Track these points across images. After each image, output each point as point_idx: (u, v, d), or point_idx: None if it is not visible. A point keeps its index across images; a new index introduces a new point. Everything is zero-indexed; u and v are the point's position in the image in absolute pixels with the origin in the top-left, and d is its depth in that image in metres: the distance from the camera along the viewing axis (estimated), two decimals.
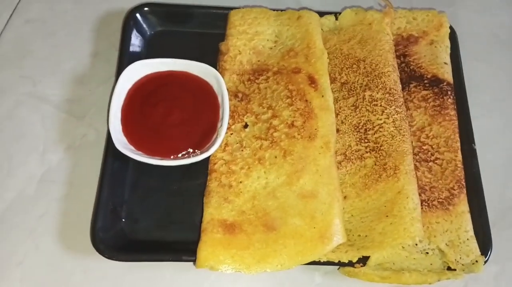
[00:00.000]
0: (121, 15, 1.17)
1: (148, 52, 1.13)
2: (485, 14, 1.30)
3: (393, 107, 1.02)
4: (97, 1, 1.22)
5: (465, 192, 1.00)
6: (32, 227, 0.99)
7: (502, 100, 1.19)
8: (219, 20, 1.13)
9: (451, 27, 1.15)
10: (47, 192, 1.02)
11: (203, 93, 1.04)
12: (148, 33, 1.15)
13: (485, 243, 0.97)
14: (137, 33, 1.13)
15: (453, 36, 1.15)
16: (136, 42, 1.12)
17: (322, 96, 1.02)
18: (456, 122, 1.05)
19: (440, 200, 0.98)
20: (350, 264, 0.93)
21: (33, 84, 1.12)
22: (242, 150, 0.99)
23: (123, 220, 0.98)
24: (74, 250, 0.97)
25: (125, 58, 1.07)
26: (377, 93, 1.04)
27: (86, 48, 1.16)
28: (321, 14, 1.13)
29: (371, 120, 1.02)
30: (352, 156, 1.01)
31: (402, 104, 1.04)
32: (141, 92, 1.03)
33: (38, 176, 1.03)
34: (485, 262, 0.95)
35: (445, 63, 1.11)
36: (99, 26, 1.19)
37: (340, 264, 0.94)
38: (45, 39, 1.18)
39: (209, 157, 0.99)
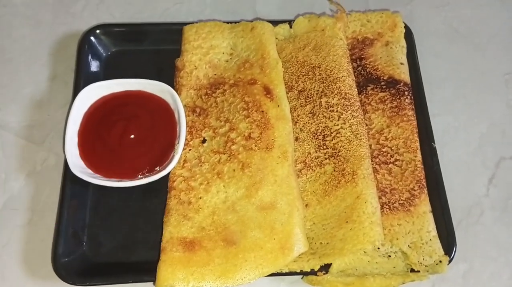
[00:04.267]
0: (78, 37, 1.17)
1: (105, 73, 1.13)
2: (444, 9, 1.30)
3: (349, 112, 1.02)
4: (54, 25, 1.23)
5: (426, 192, 0.99)
6: None
7: (464, 96, 1.19)
8: (174, 36, 1.13)
9: (406, 26, 1.14)
10: (10, 220, 1.02)
11: (160, 111, 1.04)
12: (104, 54, 1.15)
13: (449, 243, 0.97)
14: (92, 56, 1.13)
15: (409, 36, 1.15)
16: (92, 64, 1.12)
17: (278, 106, 1.02)
18: (415, 122, 1.05)
19: (401, 202, 0.98)
20: (313, 272, 0.93)
21: None
22: (201, 165, 0.99)
23: (84, 244, 0.98)
24: (38, 277, 0.98)
25: (81, 82, 1.07)
26: (333, 99, 1.03)
27: (44, 72, 1.17)
28: (275, 23, 1.13)
29: (328, 127, 1.02)
30: (312, 163, 1.01)
31: (358, 109, 1.03)
32: (97, 115, 1.03)
33: (0, 204, 1.03)
34: (450, 261, 0.95)
35: (401, 63, 1.11)
36: (57, 50, 1.20)
37: (303, 273, 0.94)
38: (4, 66, 1.18)
39: (168, 174, 0.98)
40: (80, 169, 0.97)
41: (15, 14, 1.25)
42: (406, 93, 1.07)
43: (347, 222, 0.93)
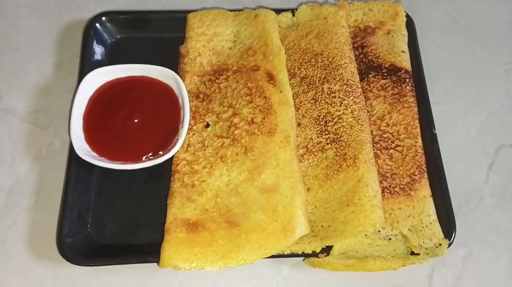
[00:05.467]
0: (83, 25, 1.18)
1: (110, 60, 1.15)
2: (444, 0, 1.31)
3: (351, 98, 1.03)
4: (59, 13, 1.24)
5: (426, 176, 1.01)
6: (2, 237, 1.00)
7: (463, 85, 1.20)
8: (178, 23, 1.15)
9: (407, 16, 1.16)
10: (16, 202, 1.03)
11: (164, 96, 1.05)
12: (109, 41, 1.17)
13: (449, 226, 0.98)
14: (97, 42, 1.14)
15: (410, 25, 1.16)
16: (97, 51, 1.14)
17: (281, 91, 1.03)
18: (415, 109, 1.06)
19: (401, 186, 0.99)
20: (314, 254, 0.94)
21: (0, 99, 1.13)
22: (204, 149, 1.01)
23: (89, 225, 0.99)
24: (44, 258, 0.99)
25: (87, 68, 1.08)
26: (335, 85, 1.05)
27: (50, 59, 1.18)
28: (278, 11, 1.15)
29: (330, 112, 1.03)
30: (313, 148, 1.02)
31: (360, 95, 1.05)
32: (102, 99, 1.05)
33: (7, 187, 1.05)
34: (450, 245, 0.96)
35: (403, 51, 1.12)
36: (62, 38, 1.21)
37: (304, 255, 0.95)
38: (11, 54, 1.19)
39: (172, 158, 1.00)
40: (85, 151, 0.98)
41: (21, 4, 1.27)
42: (407, 80, 1.08)
43: (348, 205, 0.95)
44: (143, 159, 0.99)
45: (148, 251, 0.95)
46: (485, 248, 1.03)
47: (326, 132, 1.02)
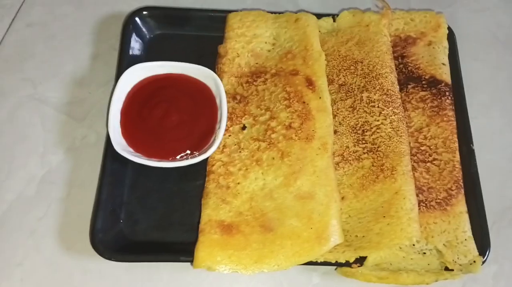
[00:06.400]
0: (121, 18, 1.18)
1: (148, 55, 1.14)
2: (484, 14, 1.30)
3: (391, 108, 1.02)
4: (97, 5, 1.24)
5: (463, 192, 1.00)
6: (32, 228, 1.00)
7: (501, 100, 1.19)
8: (217, 23, 1.14)
9: (449, 28, 1.15)
10: (47, 193, 1.03)
11: (201, 95, 1.04)
12: (148, 36, 1.16)
13: (483, 244, 0.97)
14: (136, 37, 1.13)
15: (451, 37, 1.15)
16: (135, 45, 1.13)
17: (320, 98, 1.02)
18: (454, 123, 1.05)
19: (438, 201, 0.98)
20: (347, 264, 0.93)
21: (34, 87, 1.13)
22: (240, 151, 1.00)
23: (122, 221, 0.98)
24: (74, 250, 0.98)
25: (125, 62, 1.08)
26: (375, 94, 1.04)
27: (86, 51, 1.17)
28: (319, 16, 1.14)
29: (368, 122, 1.02)
30: (349, 157, 1.01)
31: (399, 106, 1.04)
32: (140, 95, 1.04)
33: (39, 177, 1.04)
34: (483, 262, 0.95)
35: (443, 64, 1.11)
36: (99, 29, 1.20)
37: (338, 264, 0.94)
38: (46, 43, 1.19)
39: (207, 158, 0.99)
40: (121, 146, 0.97)
41: None
42: (447, 93, 1.07)
43: (384, 216, 0.94)
44: (179, 157, 0.99)
45: (180, 249, 0.95)
46: None
47: (363, 141, 1.01)
